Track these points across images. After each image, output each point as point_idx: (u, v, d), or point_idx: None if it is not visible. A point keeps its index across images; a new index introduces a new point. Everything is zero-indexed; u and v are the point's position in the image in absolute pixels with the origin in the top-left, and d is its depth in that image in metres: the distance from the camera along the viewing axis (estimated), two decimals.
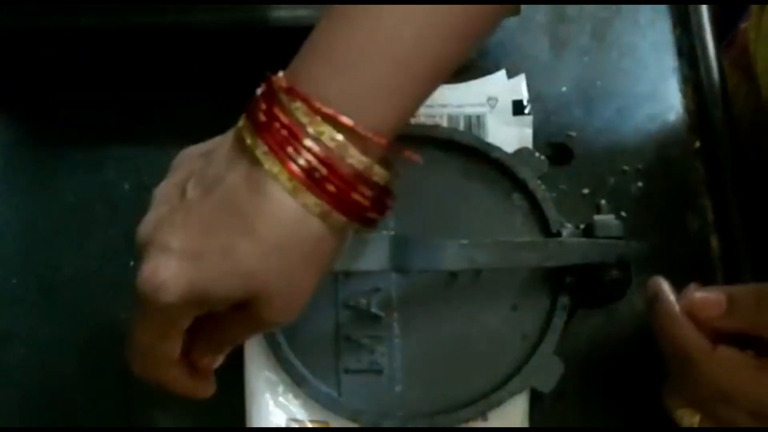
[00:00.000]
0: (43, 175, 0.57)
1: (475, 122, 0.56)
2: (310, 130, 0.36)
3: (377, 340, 0.51)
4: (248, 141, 0.37)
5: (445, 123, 0.56)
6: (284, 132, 0.36)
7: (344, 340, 0.51)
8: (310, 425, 0.50)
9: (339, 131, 0.36)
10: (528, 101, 0.56)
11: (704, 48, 0.59)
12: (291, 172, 0.36)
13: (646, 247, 0.49)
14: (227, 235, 0.37)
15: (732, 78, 0.63)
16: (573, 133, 0.57)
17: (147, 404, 0.51)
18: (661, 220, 0.55)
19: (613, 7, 0.61)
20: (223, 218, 0.37)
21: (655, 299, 0.45)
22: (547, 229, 0.52)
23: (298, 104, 0.36)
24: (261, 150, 0.37)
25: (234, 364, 0.51)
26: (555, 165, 0.55)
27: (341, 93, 0.37)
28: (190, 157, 0.41)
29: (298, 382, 0.50)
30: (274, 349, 0.50)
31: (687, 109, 0.58)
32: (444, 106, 0.57)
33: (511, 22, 0.59)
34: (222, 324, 0.40)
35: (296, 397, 0.50)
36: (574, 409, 0.51)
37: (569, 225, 0.52)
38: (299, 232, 0.37)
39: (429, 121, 0.56)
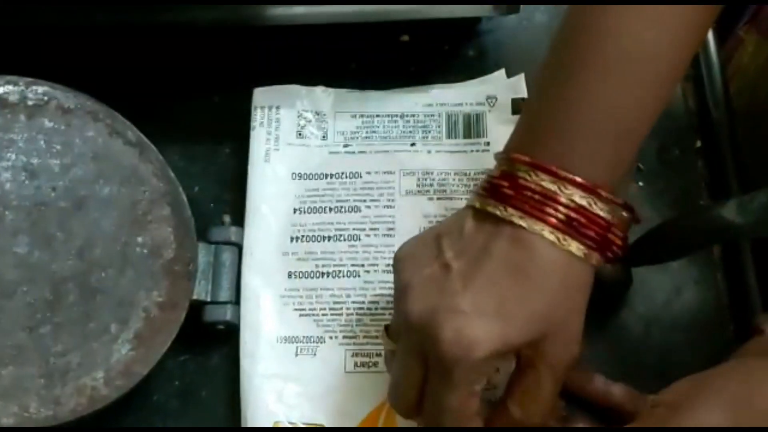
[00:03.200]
0: None
1: (475, 121, 0.56)
2: (562, 191, 0.42)
3: None
4: (500, 213, 0.43)
5: (443, 122, 0.56)
6: (537, 197, 0.43)
7: None
8: (303, 427, 0.50)
9: (585, 192, 0.43)
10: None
11: (705, 47, 0.59)
12: (553, 226, 0.42)
13: None
14: (517, 288, 0.42)
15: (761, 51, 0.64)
16: None
17: (143, 405, 0.51)
18: (661, 220, 0.55)
19: None
20: (504, 277, 0.42)
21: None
22: None
23: (544, 176, 0.43)
24: (517, 215, 0.43)
25: (230, 366, 0.52)
26: None
27: (581, 163, 0.43)
28: (416, 249, 0.46)
29: None
30: None
31: (688, 108, 0.58)
32: (443, 104, 0.57)
33: (511, 21, 0.59)
34: (526, 383, 0.44)
35: (291, 398, 0.50)
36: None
37: None
38: (569, 274, 0.43)
39: (428, 120, 0.56)
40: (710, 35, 0.59)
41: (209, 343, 0.52)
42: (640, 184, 0.56)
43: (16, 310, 0.48)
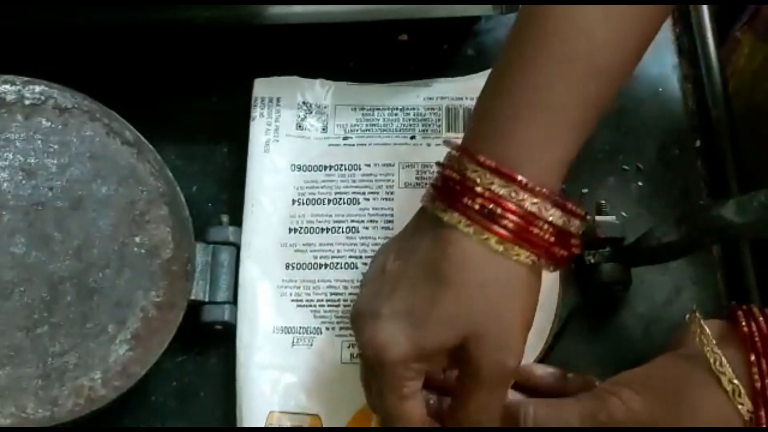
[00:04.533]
0: None
1: None
2: (481, 180, 0.40)
3: None
4: (429, 207, 0.42)
5: (444, 115, 0.56)
6: (457, 187, 0.40)
7: None
8: (300, 415, 0.50)
9: (506, 182, 0.40)
10: None
11: (705, 47, 0.59)
12: (468, 216, 0.40)
13: None
14: (429, 289, 0.40)
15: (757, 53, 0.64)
16: None
17: (141, 405, 0.51)
18: (661, 219, 0.54)
19: None
20: (422, 276, 0.41)
21: None
22: None
23: (468, 165, 0.41)
24: (440, 209, 0.41)
25: (228, 366, 0.51)
26: None
27: (505, 153, 0.40)
28: (379, 251, 0.46)
29: None
30: None
31: (687, 108, 0.58)
32: (443, 98, 0.56)
33: (510, 20, 0.58)
34: (460, 393, 0.42)
35: (287, 388, 0.50)
36: None
37: None
38: (490, 271, 0.40)
39: (428, 113, 0.56)
40: (710, 35, 0.59)
41: (207, 344, 0.52)
42: (640, 183, 0.56)
43: (14, 311, 0.48)
